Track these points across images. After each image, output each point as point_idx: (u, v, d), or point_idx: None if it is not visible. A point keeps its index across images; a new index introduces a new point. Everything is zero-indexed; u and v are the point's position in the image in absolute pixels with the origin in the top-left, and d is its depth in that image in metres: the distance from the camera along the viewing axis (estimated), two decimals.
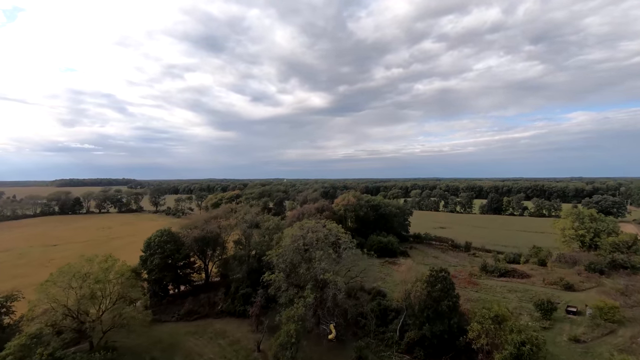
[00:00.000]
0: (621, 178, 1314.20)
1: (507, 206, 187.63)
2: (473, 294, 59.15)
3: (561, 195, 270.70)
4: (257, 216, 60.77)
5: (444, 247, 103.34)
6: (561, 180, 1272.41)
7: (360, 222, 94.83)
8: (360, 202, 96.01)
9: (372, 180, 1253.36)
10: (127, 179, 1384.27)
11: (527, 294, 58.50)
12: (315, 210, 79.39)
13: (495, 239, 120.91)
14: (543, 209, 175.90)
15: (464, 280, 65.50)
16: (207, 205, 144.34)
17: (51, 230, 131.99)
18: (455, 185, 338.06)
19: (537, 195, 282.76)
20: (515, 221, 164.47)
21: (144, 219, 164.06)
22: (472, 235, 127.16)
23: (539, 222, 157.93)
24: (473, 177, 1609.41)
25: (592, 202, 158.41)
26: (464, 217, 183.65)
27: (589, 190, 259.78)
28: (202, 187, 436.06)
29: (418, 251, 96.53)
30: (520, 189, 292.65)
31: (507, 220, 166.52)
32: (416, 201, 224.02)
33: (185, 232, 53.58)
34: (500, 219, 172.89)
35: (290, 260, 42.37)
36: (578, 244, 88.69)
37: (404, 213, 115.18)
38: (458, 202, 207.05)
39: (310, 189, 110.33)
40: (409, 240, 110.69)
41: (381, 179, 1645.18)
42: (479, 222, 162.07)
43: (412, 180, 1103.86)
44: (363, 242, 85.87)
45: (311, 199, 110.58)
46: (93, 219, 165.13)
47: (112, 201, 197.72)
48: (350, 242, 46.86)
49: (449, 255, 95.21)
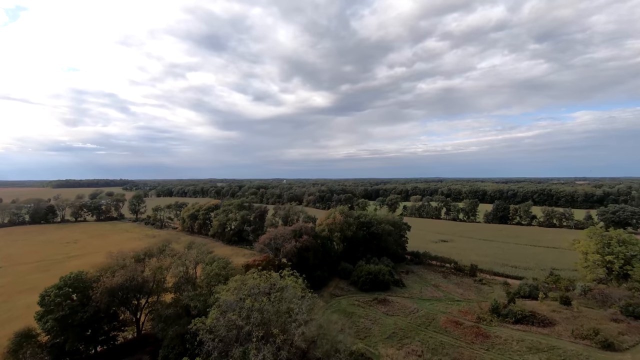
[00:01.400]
0: (626, 178, 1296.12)
1: (514, 215, 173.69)
2: (483, 354, 45.68)
3: (570, 201, 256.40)
4: (201, 256, 47.64)
5: (446, 271, 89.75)
6: (565, 180, 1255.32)
7: (348, 242, 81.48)
8: (349, 219, 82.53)
9: (374, 180, 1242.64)
10: (124, 179, 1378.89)
11: (553, 356, 45.06)
12: (290, 235, 65.95)
13: (504, 256, 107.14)
14: (553, 218, 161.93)
15: (470, 330, 51.99)
16: (184, 217, 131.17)
17: (6, 246, 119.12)
18: (458, 189, 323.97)
19: (544, 200, 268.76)
20: (523, 232, 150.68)
21: (119, 230, 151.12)
22: (477, 251, 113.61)
23: (550, 234, 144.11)
24: (476, 177, 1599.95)
25: (609, 212, 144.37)
26: (468, 226, 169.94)
27: (599, 195, 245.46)
28: (196, 190, 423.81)
29: (416, 277, 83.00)
30: (527, 193, 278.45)
31: (515, 231, 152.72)
32: (416, 207, 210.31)
33: (102, 278, 40.12)
34: (506, 229, 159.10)
35: (220, 339, 29.01)
36: (604, 270, 75.04)
37: (400, 229, 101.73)
38: (461, 210, 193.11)
39: (294, 203, 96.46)
40: (405, 260, 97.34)
41: (383, 178, 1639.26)
42: (484, 233, 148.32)
43: (413, 180, 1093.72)
44: (350, 270, 72.73)
45: (293, 214, 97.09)
46: (64, 230, 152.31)
47: (90, 209, 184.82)
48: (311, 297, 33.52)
49: (452, 282, 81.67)
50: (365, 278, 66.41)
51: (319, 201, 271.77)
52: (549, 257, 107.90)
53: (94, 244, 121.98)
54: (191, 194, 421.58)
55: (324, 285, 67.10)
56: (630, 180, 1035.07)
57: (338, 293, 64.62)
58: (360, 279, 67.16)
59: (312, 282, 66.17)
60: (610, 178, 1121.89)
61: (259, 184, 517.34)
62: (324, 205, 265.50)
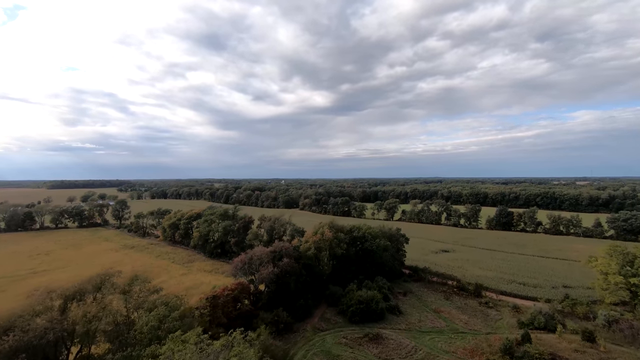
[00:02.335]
0: (627, 178, 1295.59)
1: (519, 221, 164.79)
2: None
3: (574, 204, 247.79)
4: (143, 295, 38.41)
5: (448, 290, 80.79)
6: (565, 180, 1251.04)
7: (338, 261, 72.36)
8: (339, 235, 73.41)
9: (373, 180, 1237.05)
10: (121, 179, 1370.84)
11: None
12: (269, 257, 56.78)
13: (510, 270, 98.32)
14: (560, 224, 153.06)
15: None
16: (165, 226, 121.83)
17: None
18: (458, 192, 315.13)
19: (548, 203, 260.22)
20: (528, 240, 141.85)
21: (98, 239, 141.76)
22: (481, 263, 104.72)
23: (557, 242, 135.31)
24: (476, 177, 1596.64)
25: (620, 220, 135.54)
26: (469, 233, 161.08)
27: (605, 199, 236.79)
28: (190, 192, 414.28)
29: (415, 299, 74.01)
30: (529, 196, 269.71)
31: (520, 240, 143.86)
32: (415, 212, 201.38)
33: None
34: (510, 237, 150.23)
35: None
36: (627, 294, 66.16)
37: (397, 241, 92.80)
38: (462, 215, 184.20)
39: (278, 223, 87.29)
40: (403, 276, 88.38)
41: (382, 178, 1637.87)
42: (487, 242, 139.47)
43: (413, 180, 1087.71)
44: (340, 295, 63.63)
45: (279, 226, 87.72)
46: (40, 239, 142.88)
47: (71, 215, 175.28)
48: None
49: (455, 305, 72.75)
50: (355, 308, 57.28)
51: (315, 204, 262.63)
52: (559, 270, 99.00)
53: (65, 256, 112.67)
54: (185, 196, 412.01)
55: (307, 316, 57.98)
56: (632, 180, 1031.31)
57: (323, 327, 55.45)
58: (350, 308, 58.05)
59: (293, 313, 57.19)
60: (611, 178, 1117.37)
61: (255, 186, 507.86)
62: (320, 209, 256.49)
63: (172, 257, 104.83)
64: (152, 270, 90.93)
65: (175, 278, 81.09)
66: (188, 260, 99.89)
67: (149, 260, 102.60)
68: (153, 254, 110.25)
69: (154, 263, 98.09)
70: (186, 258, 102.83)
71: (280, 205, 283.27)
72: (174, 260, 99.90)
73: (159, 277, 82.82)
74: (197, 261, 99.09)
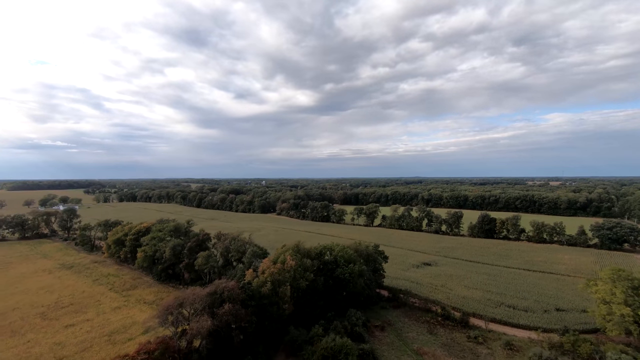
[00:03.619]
0: (595, 178, 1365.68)
1: (501, 228, 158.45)
2: None
3: (552, 207, 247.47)
4: None
5: (432, 320, 70.18)
6: (539, 179, 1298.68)
7: (303, 295, 59.74)
8: (305, 262, 60.85)
9: (355, 180, 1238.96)
10: (94, 179, 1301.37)
11: None
12: (205, 302, 43.39)
13: (496, 289, 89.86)
14: (543, 232, 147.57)
15: None
16: (110, 242, 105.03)
17: None
18: (439, 194, 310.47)
19: (527, 206, 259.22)
20: (512, 250, 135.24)
21: (35, 255, 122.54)
22: (466, 281, 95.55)
23: (542, 252, 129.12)
24: (455, 177, 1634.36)
25: (604, 229, 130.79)
26: (452, 242, 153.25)
27: (583, 202, 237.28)
28: (161, 195, 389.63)
29: (393, 335, 62.71)
30: (509, 199, 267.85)
31: (503, 249, 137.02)
32: (396, 218, 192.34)
33: None
34: (494, 246, 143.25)
35: None
36: (636, 328, 57.33)
37: (375, 261, 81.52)
38: (443, 221, 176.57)
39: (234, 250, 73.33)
40: (381, 302, 77.17)
41: (364, 178, 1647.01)
42: (471, 252, 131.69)
43: (394, 180, 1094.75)
44: (303, 341, 51.15)
45: (237, 247, 73.80)
46: None
47: (11, 225, 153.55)
48: None
49: (439, 342, 62.04)
50: None
51: (293, 209, 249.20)
52: (548, 288, 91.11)
53: None
54: (156, 199, 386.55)
55: None
56: (600, 180, 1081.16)
57: None
58: None
59: None
60: (581, 178, 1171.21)
61: (233, 187, 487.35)
62: (298, 214, 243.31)
63: (112, 281, 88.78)
64: (81, 301, 75.17)
65: (103, 315, 65.90)
66: (130, 286, 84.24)
67: (83, 286, 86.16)
68: (91, 277, 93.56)
69: (87, 291, 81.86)
70: (129, 282, 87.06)
71: (256, 209, 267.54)
72: (112, 287, 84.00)
73: (84, 314, 67.45)
74: (141, 287, 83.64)
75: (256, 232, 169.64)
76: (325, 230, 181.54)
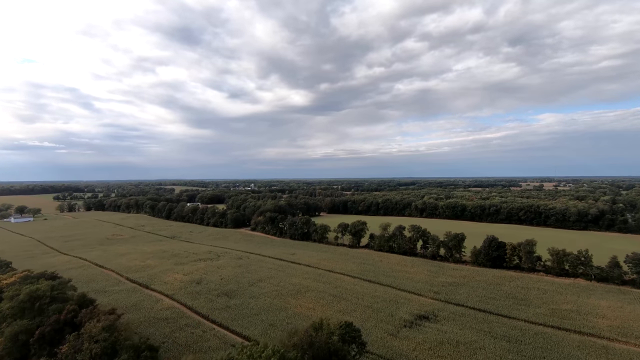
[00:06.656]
0: (586, 177, 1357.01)
1: (512, 255, 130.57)
2: None
3: (560, 220, 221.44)
4: None
5: None
6: (532, 179, 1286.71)
7: None
8: None
9: (348, 181, 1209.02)
10: (82, 181, 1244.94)
11: None
12: None
13: None
14: (564, 262, 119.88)
15: None
16: None
17: None
18: (434, 204, 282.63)
19: (532, 218, 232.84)
20: (530, 288, 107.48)
21: None
22: (481, 354, 66.16)
23: (567, 294, 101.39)
24: (448, 177, 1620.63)
25: None
26: (452, 274, 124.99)
27: (595, 214, 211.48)
28: (129, 204, 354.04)
29: None
30: (511, 210, 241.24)
31: (519, 289, 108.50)
32: (385, 238, 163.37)
33: None
34: (506, 281, 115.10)
35: None
36: None
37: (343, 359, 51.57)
38: (442, 244, 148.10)
39: None
40: None
41: (358, 178, 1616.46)
42: (478, 294, 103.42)
43: (387, 181, 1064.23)
44: None
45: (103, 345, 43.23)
46: None
47: None
48: None
49: None
50: None
51: (270, 223, 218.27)
52: None
53: None
54: (124, 208, 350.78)
55: None
56: (590, 179, 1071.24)
57: None
58: None
59: None
60: (572, 178, 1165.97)
61: (212, 194, 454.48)
62: (274, 230, 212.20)
63: None
64: None
65: None
66: None
67: None
68: None
69: None
70: None
71: (228, 223, 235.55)
72: None
73: None
74: None
75: (214, 261, 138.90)
76: (301, 256, 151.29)
